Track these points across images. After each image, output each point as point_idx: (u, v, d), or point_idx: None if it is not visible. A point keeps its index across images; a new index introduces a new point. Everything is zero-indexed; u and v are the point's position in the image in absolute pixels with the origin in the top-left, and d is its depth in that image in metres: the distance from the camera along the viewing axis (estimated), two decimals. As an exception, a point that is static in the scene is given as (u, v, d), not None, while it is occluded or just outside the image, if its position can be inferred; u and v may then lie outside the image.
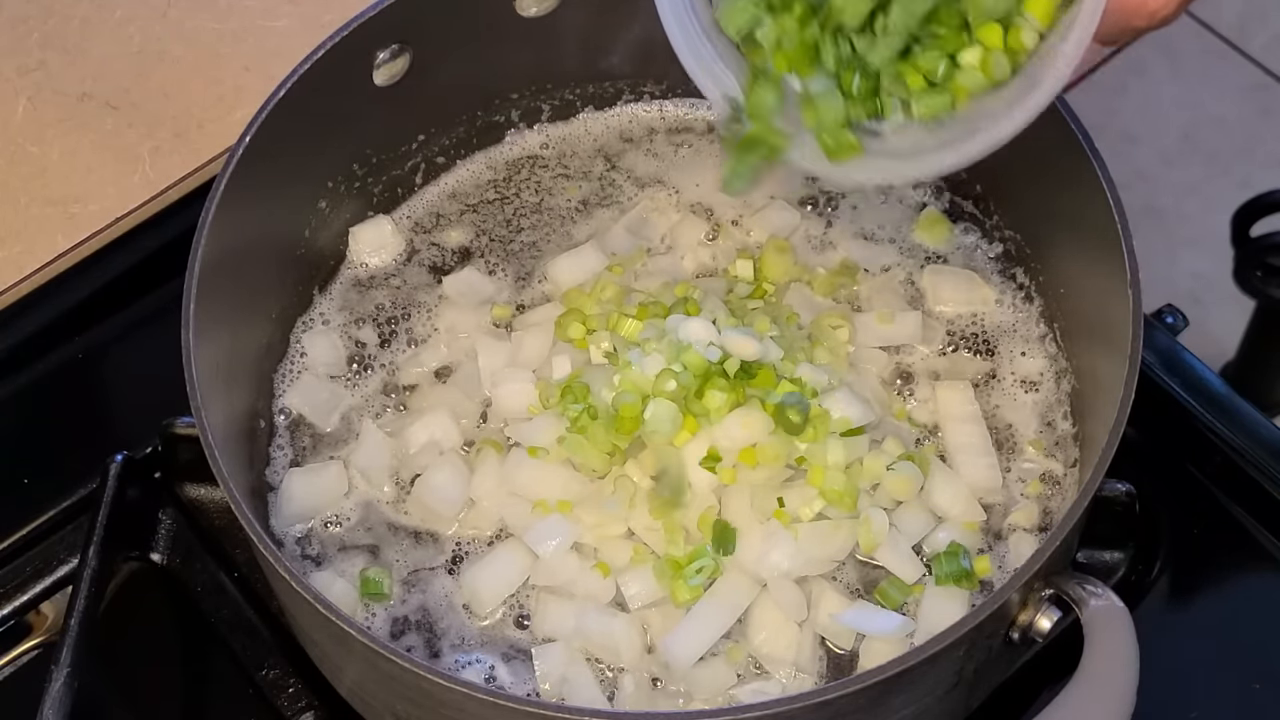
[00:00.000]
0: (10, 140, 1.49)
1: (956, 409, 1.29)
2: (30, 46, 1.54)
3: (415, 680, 1.06)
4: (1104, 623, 1.08)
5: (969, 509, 1.25)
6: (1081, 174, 1.20)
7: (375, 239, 1.39)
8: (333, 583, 1.24)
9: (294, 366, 1.34)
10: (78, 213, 1.45)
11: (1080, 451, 1.27)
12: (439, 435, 1.29)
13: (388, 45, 1.31)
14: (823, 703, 1.04)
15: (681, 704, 1.19)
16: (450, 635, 1.23)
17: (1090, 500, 1.10)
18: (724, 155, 1.29)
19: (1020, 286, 1.35)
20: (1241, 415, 1.34)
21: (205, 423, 1.13)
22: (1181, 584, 1.30)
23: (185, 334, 1.16)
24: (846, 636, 1.21)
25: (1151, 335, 1.37)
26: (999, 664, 1.17)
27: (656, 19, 1.38)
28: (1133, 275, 1.16)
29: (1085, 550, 1.28)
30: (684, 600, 1.21)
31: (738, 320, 1.28)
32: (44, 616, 1.33)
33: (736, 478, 1.23)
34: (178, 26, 1.55)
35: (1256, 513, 1.31)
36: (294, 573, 1.10)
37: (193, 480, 1.33)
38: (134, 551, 1.32)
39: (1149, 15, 1.05)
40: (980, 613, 1.06)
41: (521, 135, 1.45)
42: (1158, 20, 1.05)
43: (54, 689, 1.18)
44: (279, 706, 1.25)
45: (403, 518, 1.28)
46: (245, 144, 1.23)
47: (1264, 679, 1.25)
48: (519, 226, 1.41)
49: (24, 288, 1.43)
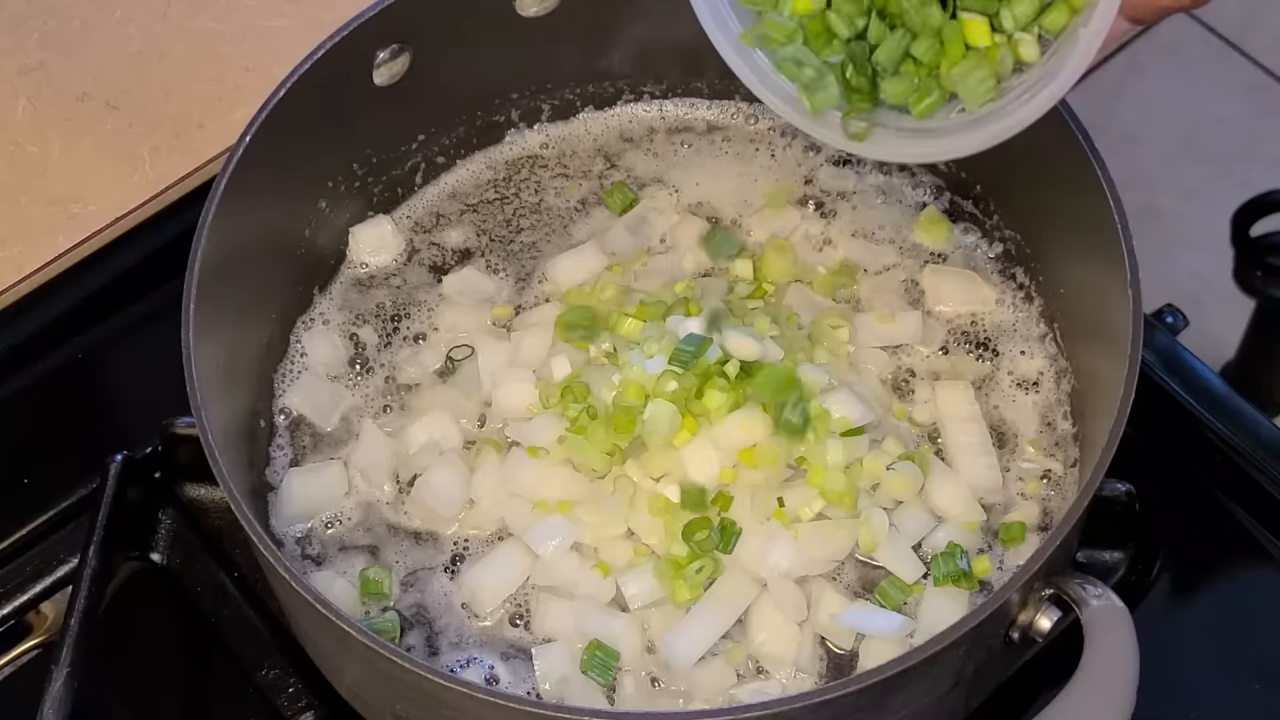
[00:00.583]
0: (10, 140, 1.49)
1: (956, 409, 1.29)
2: (30, 46, 1.54)
3: (415, 680, 1.06)
4: (1104, 623, 1.08)
5: (969, 509, 1.25)
6: (1081, 174, 1.20)
7: (375, 239, 1.39)
8: (333, 583, 1.24)
9: (294, 366, 1.34)
10: (78, 213, 1.45)
11: (1080, 451, 1.27)
12: (439, 435, 1.29)
13: (388, 45, 1.31)
14: (823, 703, 1.04)
15: (681, 704, 1.19)
16: (450, 635, 1.23)
17: (1090, 500, 1.10)
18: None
19: (1020, 286, 1.35)
20: (1241, 415, 1.34)
21: (205, 423, 1.13)
22: (1181, 584, 1.30)
23: (185, 334, 1.16)
24: (846, 636, 1.21)
25: (1151, 335, 1.37)
26: (999, 664, 1.17)
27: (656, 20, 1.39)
28: (1133, 275, 1.16)
29: (1085, 550, 1.28)
30: (684, 600, 1.21)
31: (738, 320, 1.28)
32: (44, 616, 1.33)
33: (736, 478, 1.23)
34: (178, 26, 1.55)
35: (1256, 513, 1.31)
36: (294, 573, 1.10)
37: (193, 480, 1.34)
38: (134, 551, 1.32)
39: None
40: (980, 613, 1.06)
41: (521, 135, 1.45)
42: (1189, 1, 1.06)
43: (54, 689, 1.18)
44: (279, 706, 1.25)
45: (403, 518, 1.28)
46: (245, 144, 1.23)
47: (1264, 679, 1.25)
48: (519, 226, 1.41)
49: (24, 288, 1.43)
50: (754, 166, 1.43)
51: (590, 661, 1.18)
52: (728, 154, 1.44)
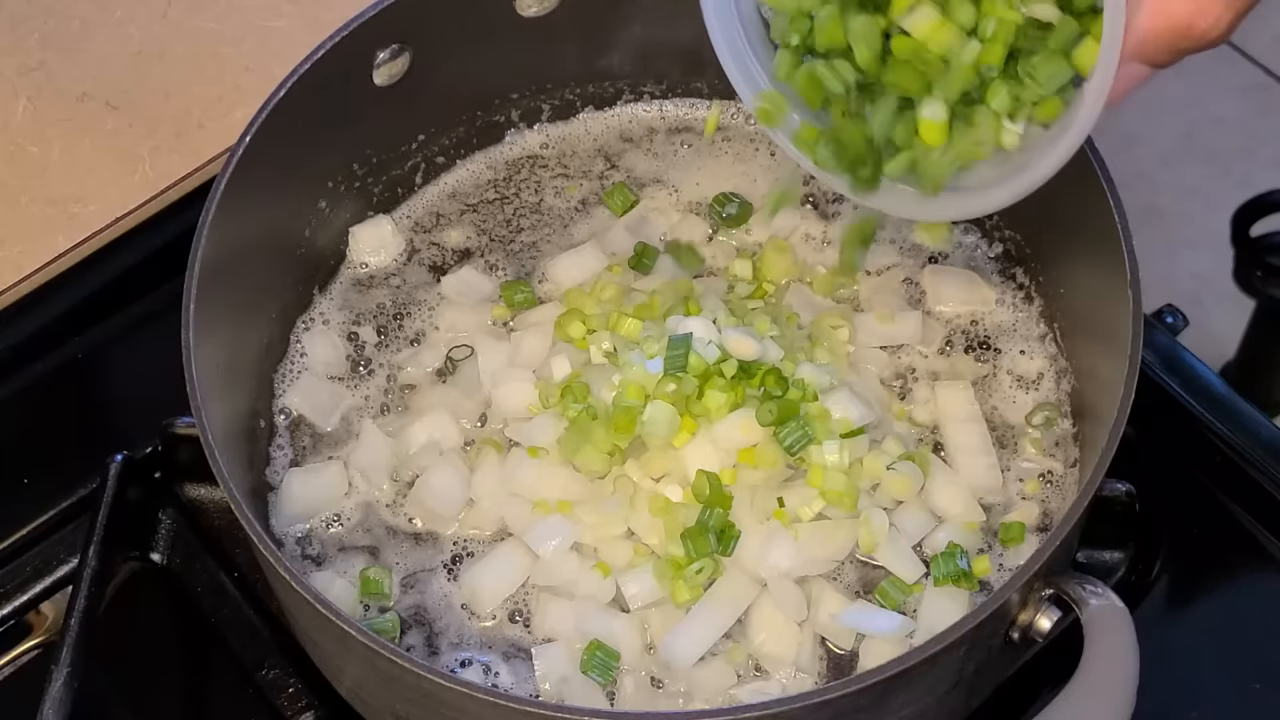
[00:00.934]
0: (10, 140, 1.49)
1: (956, 409, 1.29)
2: (30, 46, 1.54)
3: (415, 680, 1.06)
4: (1104, 623, 1.08)
5: (969, 509, 1.25)
6: (1081, 174, 1.19)
7: (375, 239, 1.39)
8: (333, 583, 1.24)
9: (294, 366, 1.34)
10: (78, 213, 1.45)
11: (1080, 451, 1.27)
12: (439, 435, 1.29)
13: (388, 45, 1.31)
14: (823, 703, 1.04)
15: (682, 704, 1.19)
16: (450, 635, 1.23)
17: (1090, 500, 1.10)
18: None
19: (1020, 286, 1.35)
20: (1241, 415, 1.34)
21: (205, 423, 1.13)
22: (1181, 584, 1.30)
23: (185, 334, 1.16)
24: (846, 636, 1.21)
25: (1151, 335, 1.37)
26: (999, 664, 1.17)
27: (656, 20, 1.39)
28: (1133, 275, 1.16)
29: (1085, 550, 1.28)
30: (684, 600, 1.21)
31: (738, 320, 1.28)
32: (44, 616, 1.33)
33: (736, 478, 1.23)
34: (178, 26, 1.55)
35: (1256, 513, 1.31)
36: (294, 573, 1.10)
37: (193, 480, 1.34)
38: (134, 551, 1.32)
39: (1197, 37, 1.02)
40: (980, 613, 1.06)
41: (521, 135, 1.45)
42: (1206, 42, 1.02)
43: (54, 689, 1.18)
44: (279, 706, 1.25)
45: (402, 518, 1.28)
46: (245, 144, 1.23)
47: (1264, 679, 1.25)
48: (519, 226, 1.41)
49: (24, 288, 1.43)
50: (754, 166, 1.43)
51: (590, 661, 1.18)
52: (728, 154, 1.44)
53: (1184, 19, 1.01)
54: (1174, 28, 1.02)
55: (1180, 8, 1.01)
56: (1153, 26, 1.01)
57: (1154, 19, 1.01)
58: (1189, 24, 1.01)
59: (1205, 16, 1.01)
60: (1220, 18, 1.01)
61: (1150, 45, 1.02)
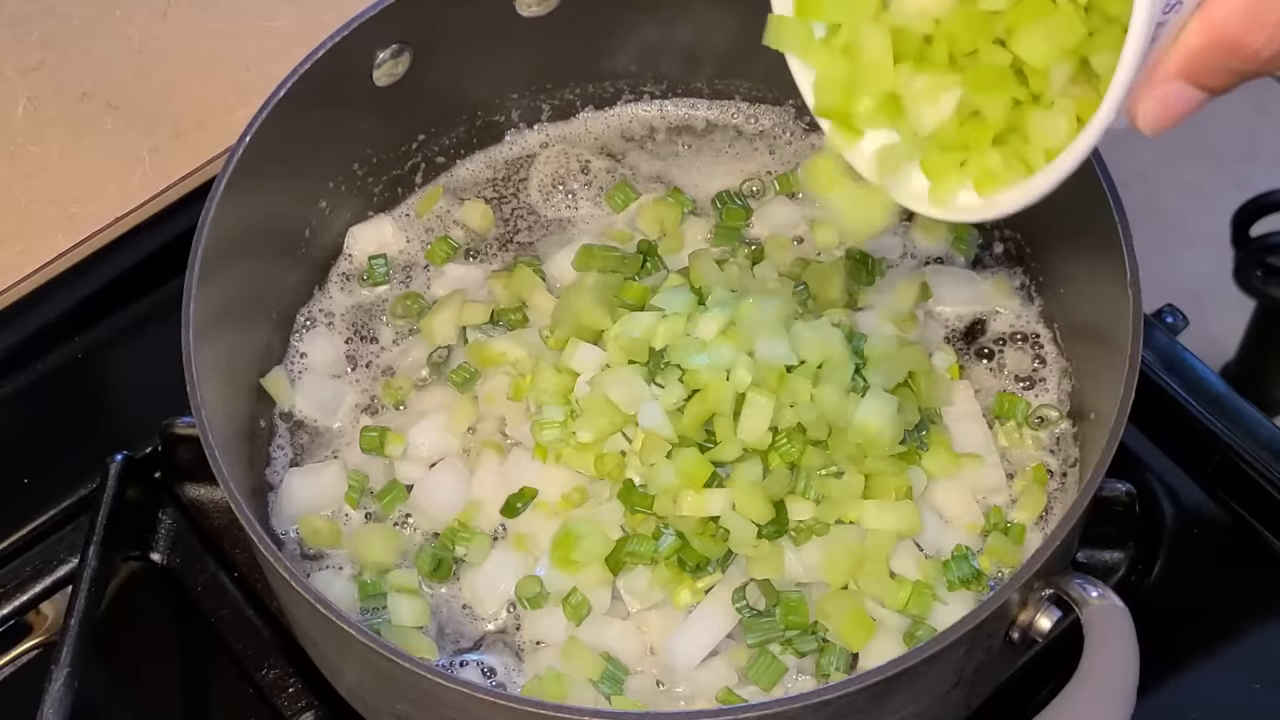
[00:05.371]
0: (10, 140, 1.49)
1: (957, 409, 1.29)
2: (30, 46, 1.54)
3: (415, 680, 1.06)
4: (1104, 623, 1.08)
5: (969, 509, 1.25)
6: (1082, 174, 1.19)
7: (375, 238, 1.39)
8: (332, 582, 1.24)
9: (294, 366, 1.34)
10: (78, 213, 1.45)
11: (1080, 451, 1.27)
12: (438, 436, 1.29)
13: (388, 45, 1.31)
14: (823, 703, 1.04)
15: (683, 705, 1.19)
16: (450, 635, 1.23)
17: (1090, 500, 1.10)
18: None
19: (1020, 286, 1.35)
20: (1241, 415, 1.34)
21: (205, 423, 1.13)
22: (1181, 584, 1.30)
23: (185, 334, 1.16)
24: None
25: (1151, 335, 1.37)
26: (999, 664, 1.17)
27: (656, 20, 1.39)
28: (1133, 275, 1.16)
29: (1085, 550, 1.28)
30: (685, 603, 1.20)
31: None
32: (44, 616, 1.33)
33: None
34: (178, 26, 1.55)
35: (1256, 513, 1.31)
36: (294, 573, 1.10)
37: (193, 480, 1.34)
38: (134, 551, 1.32)
39: (1250, 55, 0.91)
40: (980, 613, 1.06)
41: (521, 135, 1.45)
42: (1261, 60, 0.91)
43: (54, 689, 1.18)
44: (279, 706, 1.25)
45: (403, 518, 1.28)
46: (245, 144, 1.23)
47: (1264, 679, 1.25)
48: (518, 226, 1.41)
49: (24, 288, 1.43)
50: (754, 166, 1.43)
51: (601, 675, 1.18)
52: (728, 154, 1.44)
53: (1234, 35, 0.90)
54: (1224, 44, 0.90)
55: (1230, 22, 0.90)
56: (1201, 42, 0.91)
57: (1200, 34, 0.91)
58: (1239, 40, 0.90)
59: (1258, 33, 0.90)
60: (1276, 33, 0.89)
61: (1198, 63, 0.91)
